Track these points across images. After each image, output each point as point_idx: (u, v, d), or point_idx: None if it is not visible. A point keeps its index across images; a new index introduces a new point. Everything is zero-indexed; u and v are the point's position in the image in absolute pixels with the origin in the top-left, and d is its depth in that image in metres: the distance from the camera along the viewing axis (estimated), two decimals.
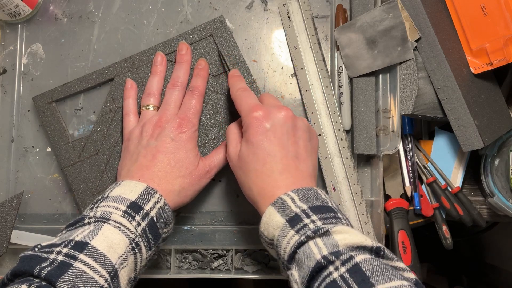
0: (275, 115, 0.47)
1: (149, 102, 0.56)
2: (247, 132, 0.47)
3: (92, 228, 0.43)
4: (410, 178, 0.62)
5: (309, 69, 0.57)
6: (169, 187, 0.50)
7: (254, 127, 0.46)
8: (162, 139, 0.51)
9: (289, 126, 0.47)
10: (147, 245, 0.45)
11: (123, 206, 0.45)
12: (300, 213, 0.41)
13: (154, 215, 0.46)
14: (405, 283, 0.36)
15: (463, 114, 0.55)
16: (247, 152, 0.46)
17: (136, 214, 0.45)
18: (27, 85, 0.60)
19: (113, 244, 0.42)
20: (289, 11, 0.59)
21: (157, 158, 0.50)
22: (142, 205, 0.46)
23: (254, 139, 0.46)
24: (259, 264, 0.58)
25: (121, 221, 0.44)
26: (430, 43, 0.56)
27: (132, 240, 0.44)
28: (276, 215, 0.42)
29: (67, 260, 0.39)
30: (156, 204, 0.47)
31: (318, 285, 0.37)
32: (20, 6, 0.58)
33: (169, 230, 0.50)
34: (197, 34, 0.58)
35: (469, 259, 1.12)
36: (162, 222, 0.48)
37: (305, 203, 0.42)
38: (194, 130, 0.53)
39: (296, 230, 0.40)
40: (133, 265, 0.44)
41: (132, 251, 0.44)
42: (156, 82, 0.56)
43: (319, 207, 0.42)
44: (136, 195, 0.46)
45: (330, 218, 0.41)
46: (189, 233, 0.58)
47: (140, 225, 0.45)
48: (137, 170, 0.50)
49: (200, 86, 0.55)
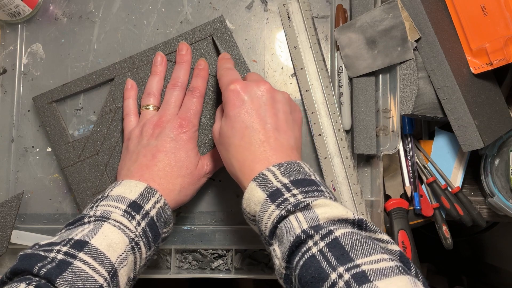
0: (251, 88, 0.46)
1: (149, 102, 0.56)
2: (225, 107, 0.46)
3: (92, 227, 0.42)
4: (410, 178, 0.62)
5: (309, 69, 0.57)
6: (169, 186, 0.49)
7: (231, 100, 0.46)
8: (162, 139, 0.51)
9: (267, 98, 0.46)
10: (146, 245, 0.45)
11: (123, 205, 0.45)
12: (281, 187, 0.41)
13: (154, 214, 0.46)
14: (385, 256, 0.35)
15: (463, 114, 0.55)
16: (226, 127, 0.46)
17: (136, 213, 0.45)
18: (27, 85, 0.60)
19: (113, 243, 0.42)
20: (289, 11, 0.59)
21: (157, 158, 0.50)
22: (142, 205, 0.46)
23: (231, 112, 0.45)
24: (259, 264, 0.58)
25: (121, 220, 0.44)
26: (430, 43, 0.56)
27: (132, 240, 0.44)
28: (257, 190, 0.42)
29: (67, 258, 0.39)
30: (156, 203, 0.47)
31: (297, 261, 0.37)
32: (20, 6, 0.58)
33: (169, 230, 0.50)
34: (197, 34, 0.58)
35: (469, 259, 1.12)
36: (162, 222, 0.47)
37: (286, 177, 0.41)
38: (195, 130, 0.53)
39: (277, 204, 0.40)
40: (132, 265, 0.44)
41: (132, 251, 0.44)
42: (156, 82, 0.56)
43: (301, 181, 0.41)
44: (136, 195, 0.46)
45: (312, 192, 0.41)
46: (189, 233, 0.58)
47: (140, 224, 0.45)
48: (137, 170, 0.50)
49: (200, 86, 0.55)
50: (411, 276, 0.34)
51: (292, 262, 0.38)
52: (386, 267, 0.34)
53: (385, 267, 0.34)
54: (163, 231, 0.48)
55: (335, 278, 0.34)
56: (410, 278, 0.34)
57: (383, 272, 0.33)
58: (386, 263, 0.34)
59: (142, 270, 0.47)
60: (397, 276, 0.33)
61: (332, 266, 0.35)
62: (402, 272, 0.34)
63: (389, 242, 0.38)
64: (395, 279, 0.33)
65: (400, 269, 0.34)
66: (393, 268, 0.34)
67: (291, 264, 0.38)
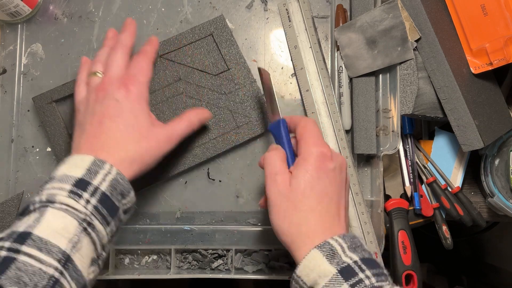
0: (337, 160, 0.45)
1: (97, 69, 0.51)
2: (309, 162, 0.43)
3: (37, 215, 0.40)
4: (410, 178, 0.62)
5: (309, 69, 0.57)
6: (122, 155, 0.46)
7: (320, 162, 0.43)
8: (106, 103, 0.47)
9: (345, 175, 0.46)
10: (103, 222, 0.42)
11: (68, 185, 0.42)
12: (352, 265, 0.39)
13: (105, 188, 0.43)
14: None
15: (463, 114, 0.55)
16: (305, 184, 0.43)
17: (84, 191, 0.42)
18: (27, 85, 0.60)
19: (60, 229, 0.39)
20: (289, 11, 0.59)
21: (104, 124, 0.47)
22: (90, 180, 0.42)
23: (316, 173, 0.43)
24: (259, 264, 0.58)
25: (67, 202, 0.41)
26: (430, 43, 0.56)
27: (82, 220, 0.41)
28: (323, 261, 0.39)
29: (10, 254, 0.37)
30: (106, 176, 0.43)
31: None
32: (20, 6, 0.58)
33: (130, 200, 0.46)
34: (197, 33, 0.58)
35: (469, 259, 1.12)
36: (117, 194, 0.44)
37: (354, 253, 0.40)
38: (142, 88, 0.49)
39: (351, 284, 0.38)
40: (91, 246, 0.42)
41: (85, 232, 0.41)
42: (106, 52, 0.53)
43: (369, 261, 0.40)
44: (83, 171, 0.43)
45: (381, 275, 0.39)
46: (189, 233, 0.58)
47: (89, 202, 0.42)
48: (85, 142, 0.47)
49: (148, 49, 0.53)
50: None
51: None
52: None
53: None
54: (123, 202, 0.45)
55: None
56: None
57: None
58: None
59: (108, 247, 0.45)
60: None
61: None
62: None
63: None
64: None
65: None
66: None
67: None
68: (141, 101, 0.49)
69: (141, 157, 0.47)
